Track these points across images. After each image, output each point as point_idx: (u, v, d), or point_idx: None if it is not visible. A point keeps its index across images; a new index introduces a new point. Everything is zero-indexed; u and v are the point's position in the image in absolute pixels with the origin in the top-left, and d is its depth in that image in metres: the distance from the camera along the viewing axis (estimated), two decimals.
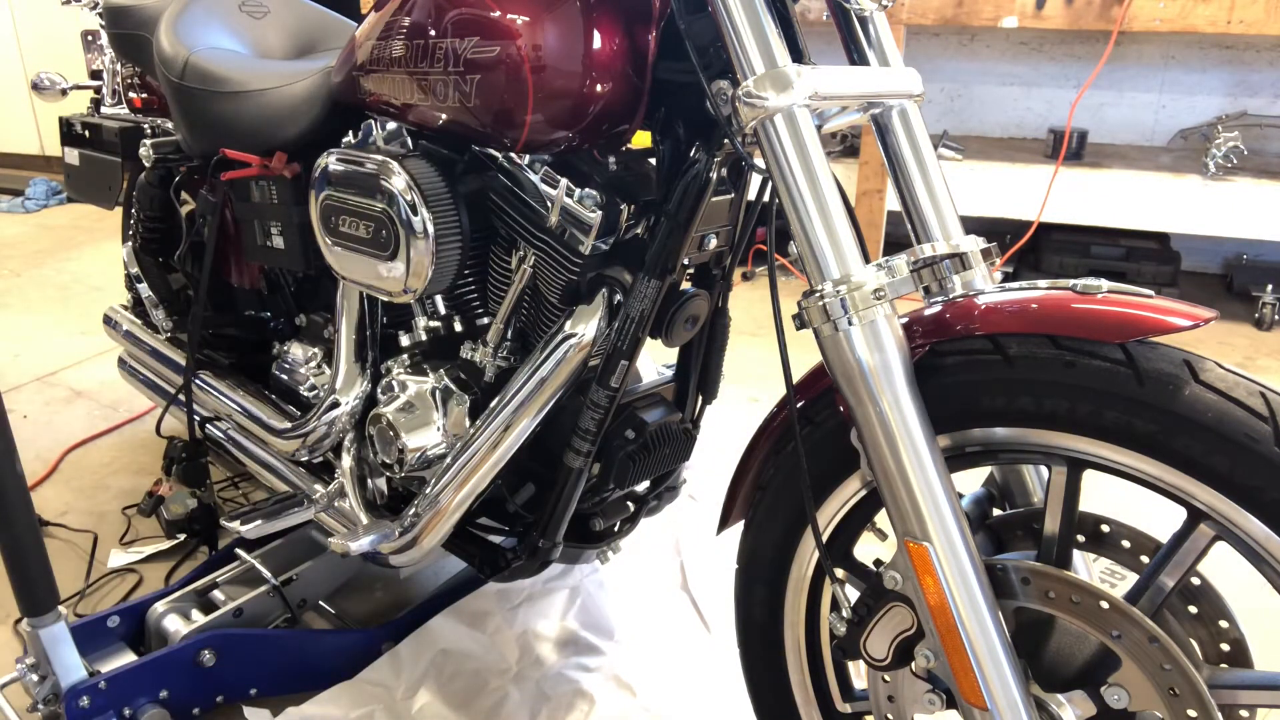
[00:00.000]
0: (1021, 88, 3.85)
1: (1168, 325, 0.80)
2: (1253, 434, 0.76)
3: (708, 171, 1.07)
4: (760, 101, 0.89)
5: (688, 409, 1.35)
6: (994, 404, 0.87)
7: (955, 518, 0.86)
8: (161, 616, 1.48)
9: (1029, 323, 0.86)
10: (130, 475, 2.16)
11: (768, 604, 1.10)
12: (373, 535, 1.34)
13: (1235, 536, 0.80)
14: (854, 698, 1.10)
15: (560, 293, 1.19)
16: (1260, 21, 2.88)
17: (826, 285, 0.88)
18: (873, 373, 0.86)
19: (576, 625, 1.60)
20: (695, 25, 0.97)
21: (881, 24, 1.09)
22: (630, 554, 1.78)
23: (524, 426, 1.21)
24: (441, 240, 1.18)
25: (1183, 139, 3.63)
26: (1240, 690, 0.85)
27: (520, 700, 1.45)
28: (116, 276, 3.60)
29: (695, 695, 1.47)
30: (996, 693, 0.86)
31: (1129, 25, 3.00)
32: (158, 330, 1.99)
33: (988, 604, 0.86)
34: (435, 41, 1.11)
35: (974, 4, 3.16)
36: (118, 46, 1.86)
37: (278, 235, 1.50)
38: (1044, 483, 0.95)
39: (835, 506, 1.01)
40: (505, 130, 1.09)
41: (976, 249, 0.99)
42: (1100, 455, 0.84)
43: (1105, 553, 0.97)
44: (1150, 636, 0.82)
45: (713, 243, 1.17)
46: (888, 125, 1.08)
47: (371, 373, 1.44)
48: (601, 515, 1.38)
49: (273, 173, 1.45)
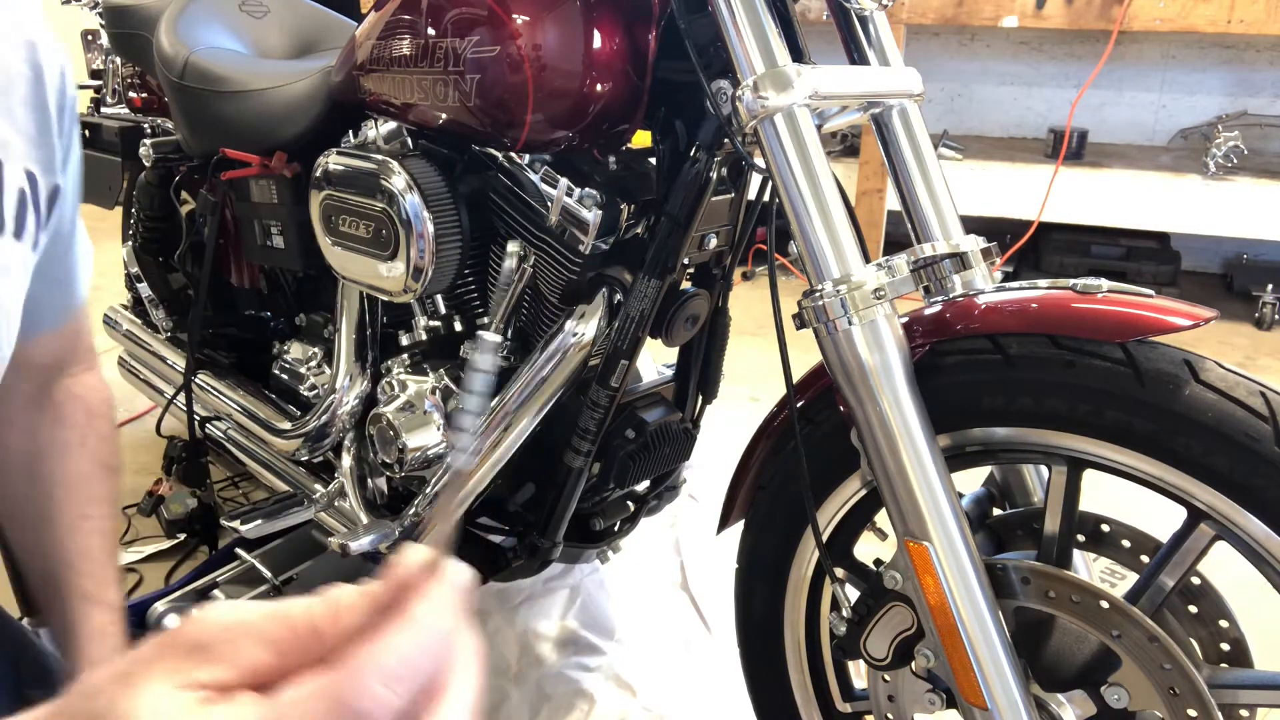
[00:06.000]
0: (1021, 87, 3.85)
1: (1168, 325, 0.80)
2: (1253, 434, 0.76)
3: (708, 171, 1.07)
4: (760, 101, 0.89)
5: (688, 409, 1.35)
6: (994, 404, 0.87)
7: (955, 517, 0.86)
8: (162, 616, 1.48)
9: (1029, 322, 0.86)
10: (130, 475, 2.16)
11: (768, 604, 1.10)
12: (373, 535, 1.34)
13: (1235, 536, 0.80)
14: (854, 697, 1.10)
15: (560, 292, 1.19)
16: (1260, 21, 2.88)
17: (826, 285, 0.88)
18: (873, 372, 0.86)
19: (576, 625, 1.60)
20: (695, 25, 0.97)
21: (881, 24, 1.09)
22: (630, 554, 1.77)
23: (524, 426, 1.21)
24: (441, 240, 1.18)
25: (1183, 139, 3.63)
26: (1240, 690, 0.85)
27: (520, 700, 1.45)
28: (116, 276, 3.59)
29: (695, 695, 1.47)
30: (996, 692, 0.86)
31: (1129, 25, 3.00)
32: (158, 330, 1.99)
33: (988, 604, 0.86)
34: (435, 41, 1.11)
35: (974, 4, 3.16)
36: (118, 46, 1.86)
37: (278, 235, 1.50)
38: (1044, 482, 0.95)
39: (835, 506, 1.01)
40: (505, 129, 1.09)
41: (976, 249, 0.99)
42: (1100, 455, 0.84)
43: (1105, 552, 0.97)
44: (1150, 636, 0.82)
45: (713, 242, 1.17)
46: (888, 125, 1.07)
47: (371, 372, 1.44)
48: (601, 515, 1.38)
49: (273, 172, 1.45)
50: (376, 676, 0.32)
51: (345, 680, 0.31)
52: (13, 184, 0.70)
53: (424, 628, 0.33)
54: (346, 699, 0.31)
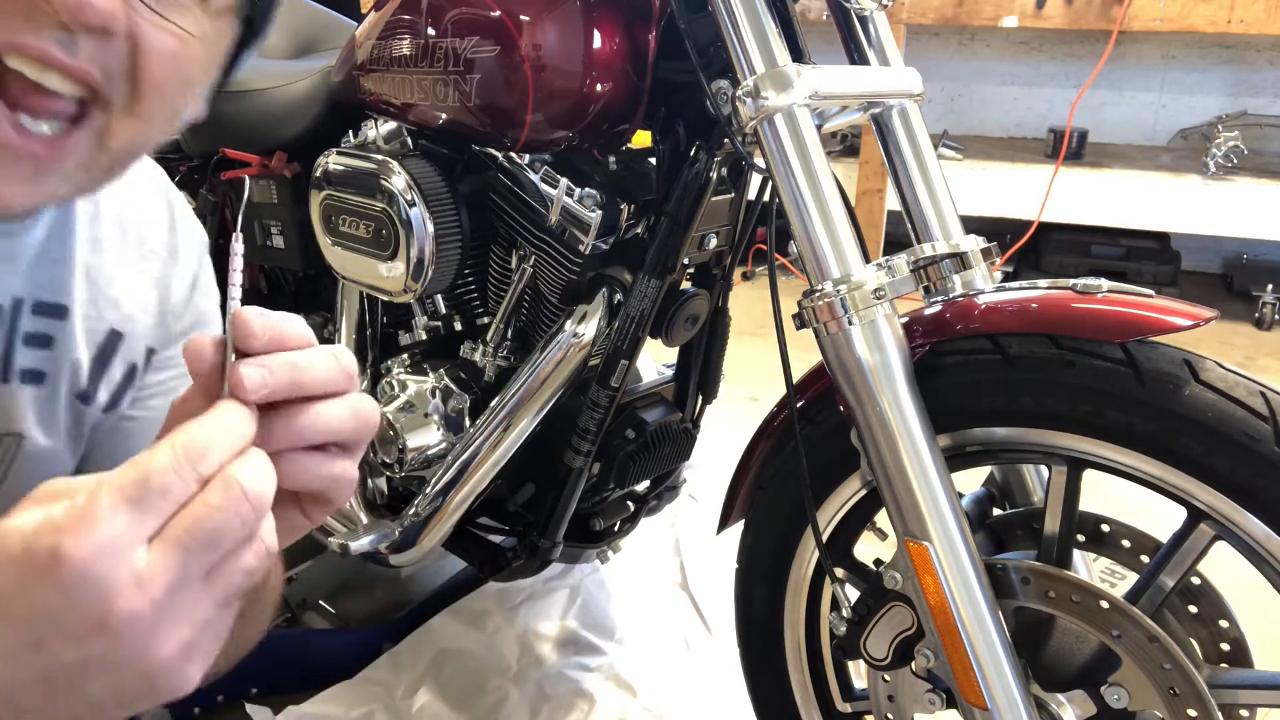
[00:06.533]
0: (1021, 87, 3.85)
1: (1168, 325, 0.80)
2: (1253, 434, 0.76)
3: (708, 171, 1.07)
4: (760, 101, 0.89)
5: (688, 408, 1.35)
6: (994, 404, 0.87)
7: (955, 517, 0.86)
8: None
9: (1029, 322, 0.86)
10: None
11: (768, 604, 1.10)
12: (373, 535, 1.34)
13: (1235, 536, 0.80)
14: (854, 697, 1.10)
15: (560, 292, 1.19)
16: (1260, 21, 2.88)
17: (826, 285, 0.88)
18: (873, 372, 0.86)
19: (576, 625, 1.60)
20: (695, 25, 0.97)
21: (881, 24, 1.09)
22: (630, 554, 1.77)
23: (524, 426, 1.21)
24: (441, 240, 1.18)
25: (1183, 139, 3.63)
26: (1240, 690, 0.85)
27: (520, 700, 1.45)
28: None
29: (695, 695, 1.47)
30: (996, 692, 0.86)
31: (1129, 25, 3.00)
32: None
33: (988, 604, 0.86)
34: (435, 41, 1.11)
35: (974, 4, 3.16)
36: None
37: (278, 235, 1.50)
38: (1044, 482, 0.95)
39: (835, 506, 1.01)
40: (505, 129, 1.09)
41: (976, 248, 0.99)
42: (1100, 455, 0.84)
43: (1105, 552, 0.97)
44: (1150, 636, 0.82)
45: (713, 242, 1.17)
46: (888, 125, 1.07)
47: (371, 372, 1.44)
48: (601, 515, 1.38)
49: (273, 172, 1.45)
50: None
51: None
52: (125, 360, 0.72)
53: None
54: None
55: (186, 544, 0.39)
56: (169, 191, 0.78)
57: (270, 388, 0.44)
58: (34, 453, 0.68)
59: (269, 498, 0.42)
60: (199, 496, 0.40)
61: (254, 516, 0.41)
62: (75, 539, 0.37)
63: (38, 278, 0.66)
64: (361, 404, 0.48)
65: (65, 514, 0.38)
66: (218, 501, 0.40)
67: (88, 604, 0.38)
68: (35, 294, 0.66)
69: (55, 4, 0.49)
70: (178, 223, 0.77)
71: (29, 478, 0.68)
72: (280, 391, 0.45)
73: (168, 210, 0.77)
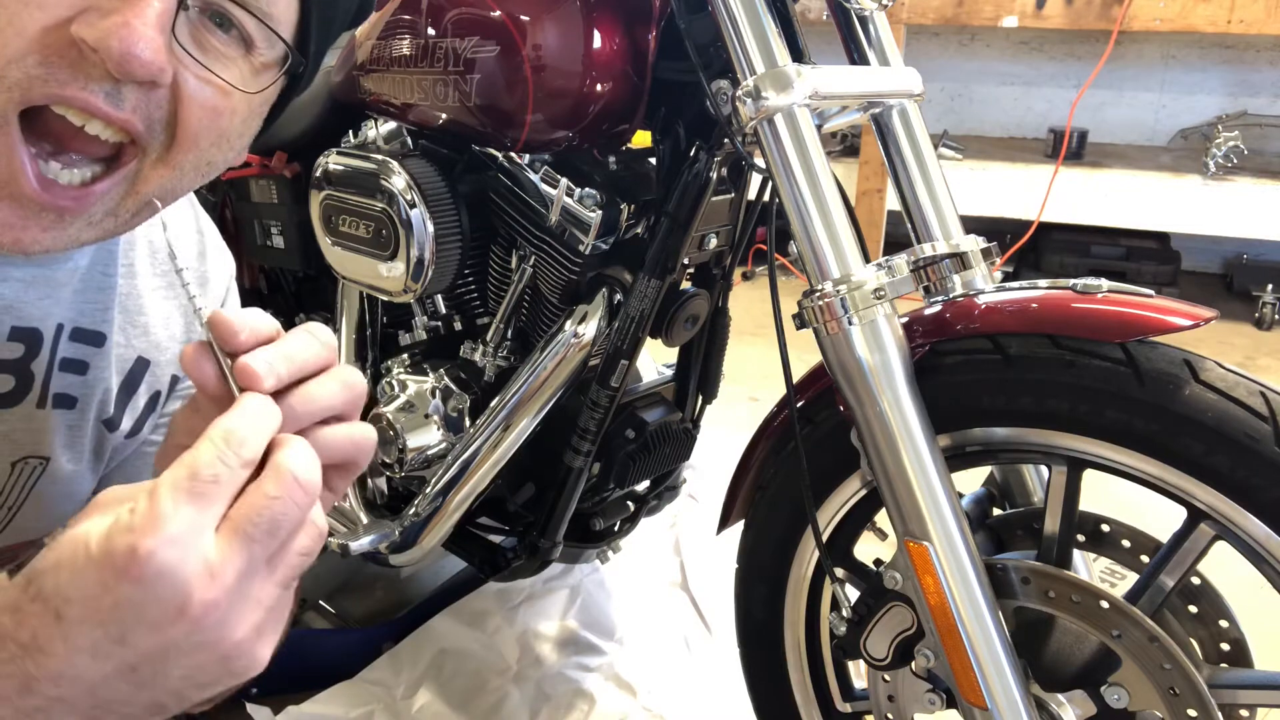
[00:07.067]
0: (1021, 87, 3.85)
1: (1168, 325, 0.80)
2: (1253, 434, 0.76)
3: (708, 171, 1.07)
4: (760, 101, 0.89)
5: (688, 408, 1.35)
6: (994, 404, 0.87)
7: (955, 517, 0.86)
8: None
9: (1029, 322, 0.86)
10: None
11: (768, 604, 1.10)
12: (373, 535, 1.34)
13: (1235, 536, 0.80)
14: (854, 697, 1.10)
15: (560, 292, 1.19)
16: (1260, 21, 2.88)
17: (826, 285, 0.88)
18: (873, 372, 0.86)
19: (576, 625, 1.60)
20: (695, 25, 0.97)
21: (881, 24, 1.09)
22: (630, 554, 1.77)
23: (524, 426, 1.21)
24: (441, 240, 1.18)
25: (1183, 139, 3.63)
26: (1240, 690, 0.85)
27: (520, 700, 1.45)
28: None
29: (695, 695, 1.47)
30: (996, 692, 0.86)
31: (1129, 25, 3.00)
32: None
33: (988, 604, 0.86)
34: (435, 41, 1.11)
35: (974, 4, 3.16)
36: None
37: (277, 235, 1.50)
38: (1044, 482, 0.95)
39: (835, 506, 1.01)
40: (505, 130, 1.09)
41: (976, 248, 0.99)
42: (1100, 455, 0.84)
43: (1105, 552, 0.97)
44: (1150, 636, 0.82)
45: (713, 242, 1.17)
46: (888, 125, 1.07)
47: (371, 372, 1.44)
48: (601, 515, 1.38)
49: (272, 172, 1.45)
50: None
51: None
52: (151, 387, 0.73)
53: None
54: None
55: (250, 533, 0.42)
56: (200, 219, 0.78)
57: (277, 375, 0.47)
58: (57, 475, 0.69)
59: (318, 482, 0.45)
60: (256, 488, 0.43)
61: (307, 501, 0.44)
62: (147, 536, 0.40)
63: (79, 304, 0.67)
64: (348, 375, 0.51)
65: (133, 515, 0.41)
66: (274, 491, 0.43)
67: (167, 595, 0.40)
68: (75, 320, 0.67)
69: (103, 54, 0.49)
70: (208, 250, 0.77)
71: (50, 499, 0.69)
72: (284, 378, 0.48)
73: (198, 238, 0.77)
